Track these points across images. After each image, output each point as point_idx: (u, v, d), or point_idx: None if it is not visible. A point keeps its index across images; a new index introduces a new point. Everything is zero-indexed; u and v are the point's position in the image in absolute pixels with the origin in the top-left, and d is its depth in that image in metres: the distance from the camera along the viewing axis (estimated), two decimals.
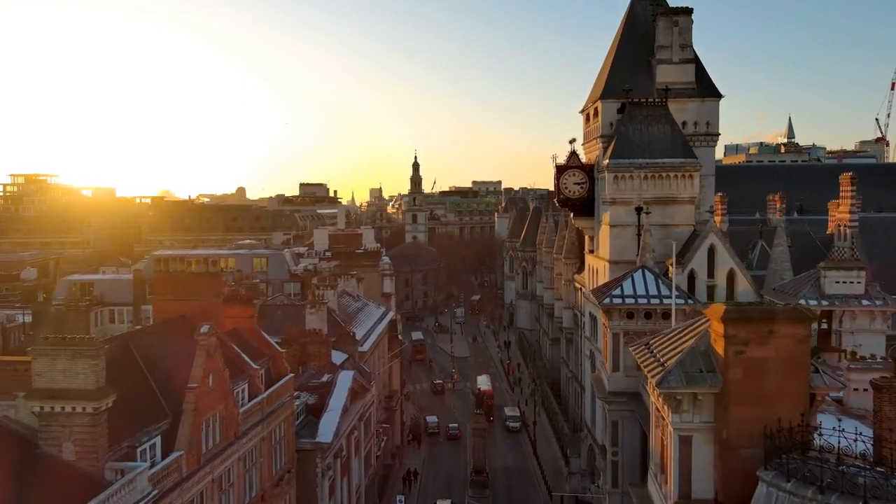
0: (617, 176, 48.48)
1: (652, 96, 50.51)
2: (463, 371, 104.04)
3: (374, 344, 55.93)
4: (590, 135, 55.12)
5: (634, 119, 49.89)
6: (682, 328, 22.62)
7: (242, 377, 29.01)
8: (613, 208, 48.91)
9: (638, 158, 48.51)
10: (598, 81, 54.15)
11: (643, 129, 49.55)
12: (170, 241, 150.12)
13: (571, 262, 76.33)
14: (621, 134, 49.47)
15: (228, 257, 75.40)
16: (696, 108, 50.97)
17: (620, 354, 36.26)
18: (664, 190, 48.44)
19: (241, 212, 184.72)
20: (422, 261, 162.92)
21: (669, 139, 49.07)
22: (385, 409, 62.61)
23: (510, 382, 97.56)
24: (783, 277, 44.22)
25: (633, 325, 36.07)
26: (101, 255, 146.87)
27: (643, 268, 37.91)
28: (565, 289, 77.45)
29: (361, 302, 62.84)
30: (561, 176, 53.56)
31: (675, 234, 48.35)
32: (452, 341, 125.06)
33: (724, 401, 19.37)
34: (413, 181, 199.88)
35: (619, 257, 48.94)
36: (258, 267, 74.28)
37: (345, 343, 49.33)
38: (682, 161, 48.18)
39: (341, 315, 54.88)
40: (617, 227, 48.97)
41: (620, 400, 35.93)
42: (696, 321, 22.38)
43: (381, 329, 61.13)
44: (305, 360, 45.02)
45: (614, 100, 50.82)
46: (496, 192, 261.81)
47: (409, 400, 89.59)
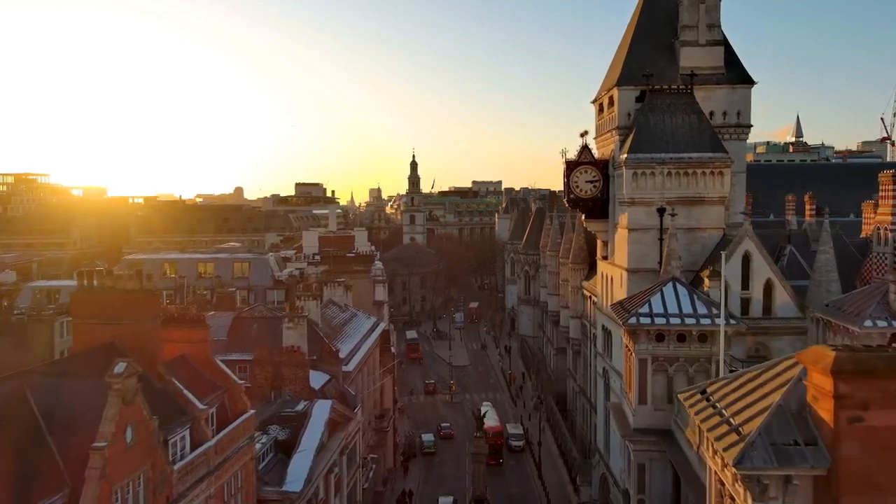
0: (636, 172, 42.61)
1: (675, 83, 44.65)
2: (462, 382, 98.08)
3: (361, 360, 50.05)
4: (603, 127, 49.22)
5: (656, 108, 44.00)
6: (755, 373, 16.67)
7: (182, 422, 23.11)
8: (632, 209, 43.03)
9: (660, 153, 42.64)
10: (614, 67, 48.26)
11: (666, 120, 43.66)
12: (159, 242, 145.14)
13: (579, 268, 70.45)
14: (641, 125, 43.58)
15: (207, 262, 69.51)
16: (726, 97, 45.08)
17: (648, 384, 30.37)
18: (690, 188, 42.56)
19: (234, 212, 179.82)
20: (419, 263, 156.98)
21: (696, 131, 43.18)
22: (375, 431, 56.73)
23: (512, 395, 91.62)
24: (830, 290, 38.38)
25: (664, 349, 30.19)
26: (87, 257, 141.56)
27: (673, 280, 32.02)
28: (572, 296, 71.57)
29: (349, 312, 56.95)
30: (571, 173, 47.68)
31: (703, 238, 42.63)
32: (451, 348, 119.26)
33: (831, 488, 13.48)
34: (411, 181, 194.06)
35: (638, 265, 43.07)
36: (239, 272, 68.41)
37: (327, 362, 43.47)
38: (711, 156, 42.30)
39: (325, 329, 48.98)
40: (636, 231, 43.09)
41: (648, 439, 30.02)
42: (775, 364, 16.42)
43: (371, 342, 55.25)
44: (280, 383, 39.15)
45: (632, 87, 44.95)
46: (496, 193, 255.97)
47: (404, 413, 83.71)
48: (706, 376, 30.10)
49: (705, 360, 29.85)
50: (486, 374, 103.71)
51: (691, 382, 30.14)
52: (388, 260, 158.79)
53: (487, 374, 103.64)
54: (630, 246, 43.17)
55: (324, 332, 48.09)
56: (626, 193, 42.80)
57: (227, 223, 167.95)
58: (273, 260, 69.64)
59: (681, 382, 30.14)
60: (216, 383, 27.29)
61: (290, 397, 38.25)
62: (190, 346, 27.20)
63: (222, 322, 47.27)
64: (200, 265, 68.98)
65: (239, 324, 47.97)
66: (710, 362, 29.84)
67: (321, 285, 58.88)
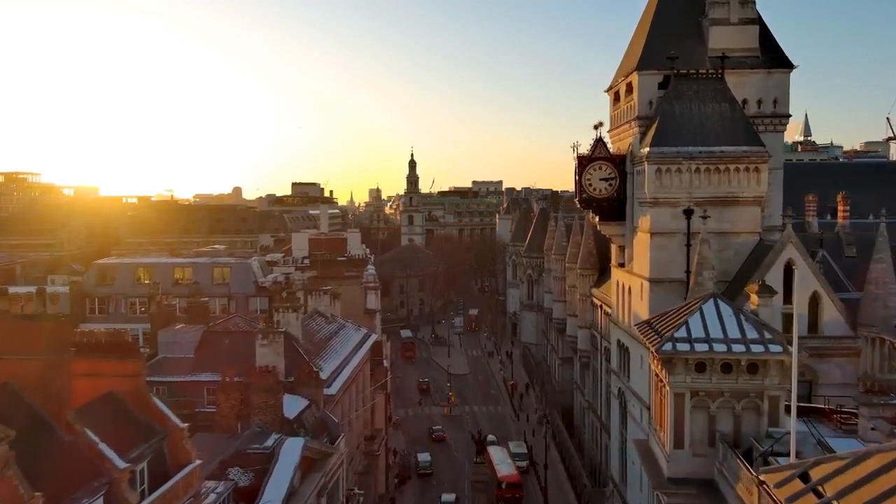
0: (660, 169, 37.20)
1: (703, 66, 39.23)
2: (461, 392, 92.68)
3: (348, 380, 44.62)
4: (620, 118, 43.80)
5: (682, 95, 38.57)
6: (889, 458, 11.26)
7: (93, 489, 17.69)
8: (655, 211, 37.62)
9: (687, 146, 37.23)
10: (632, 49, 42.82)
11: (693, 109, 38.24)
12: (150, 243, 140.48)
13: (588, 274, 65.06)
14: (665, 114, 38.16)
15: (185, 267, 64.10)
16: (761, 83, 39.63)
17: (686, 424, 24.95)
18: (722, 187, 37.16)
19: (227, 212, 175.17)
20: (418, 265, 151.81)
21: (728, 121, 37.75)
22: (365, 455, 51.31)
23: (514, 406, 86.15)
24: (888, 304, 32.99)
25: (705, 381, 24.74)
26: (74, 259, 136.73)
27: (714, 297, 26.56)
28: (581, 305, 66.17)
29: (336, 324, 51.51)
30: (584, 170, 42.26)
31: (736, 244, 37.28)
32: (450, 355, 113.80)
33: None
34: (409, 180, 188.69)
35: (661, 275, 37.68)
36: (219, 278, 63.02)
37: (305, 384, 38.02)
38: (746, 149, 36.89)
39: (307, 344, 43.56)
40: (659, 236, 37.69)
41: (686, 491, 24.57)
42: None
43: (360, 357, 49.82)
44: (248, 412, 33.73)
45: (654, 71, 39.52)
46: (497, 193, 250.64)
47: (399, 428, 78.34)
48: (756, 415, 24.76)
49: (756, 396, 24.44)
50: (486, 384, 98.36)
51: (738, 422, 24.77)
52: (386, 262, 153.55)
53: (488, 384, 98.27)
54: (652, 252, 37.76)
55: (305, 348, 42.64)
56: (649, 192, 37.38)
57: (220, 224, 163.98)
58: (256, 265, 64.21)
59: (725, 421, 24.77)
60: (152, 428, 21.88)
61: (261, 428, 32.83)
62: (121, 382, 21.78)
63: (189, 337, 41.97)
64: (177, 270, 63.61)
65: (209, 339, 42.59)
66: (762, 398, 24.43)
67: (306, 293, 53.54)
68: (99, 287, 62.40)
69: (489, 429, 78.94)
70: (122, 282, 62.43)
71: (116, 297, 61.67)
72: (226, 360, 41.05)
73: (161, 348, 41.68)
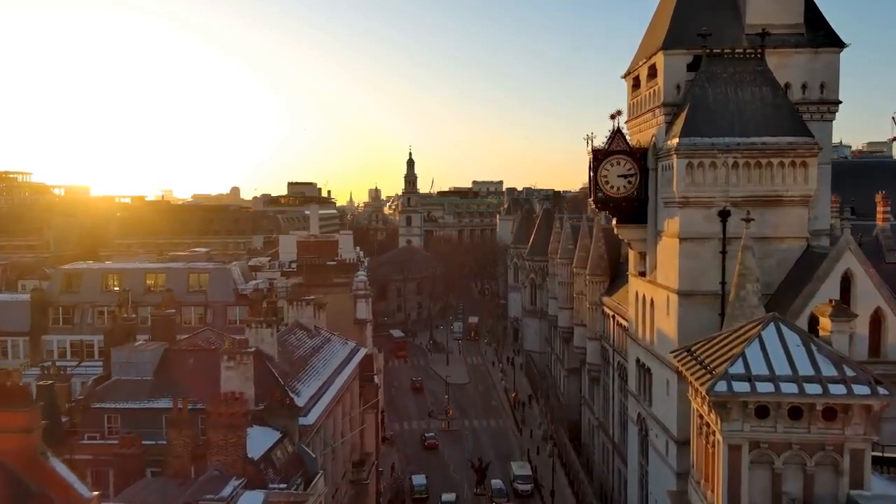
0: (691, 163, 31.87)
1: (740, 44, 33.93)
2: (461, 404, 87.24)
3: (330, 404, 39.26)
4: (641, 106, 38.44)
5: (715, 78, 33.23)
6: None
7: None
8: (685, 212, 32.29)
9: (723, 136, 31.90)
10: (655, 26, 37.44)
11: (729, 93, 32.90)
12: (139, 244, 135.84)
13: (599, 280, 59.75)
14: (696, 100, 32.81)
15: (158, 273, 58.71)
16: (806, 64, 34.22)
17: (744, 484, 19.58)
18: (763, 184, 31.85)
19: (219, 213, 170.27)
20: (416, 268, 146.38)
21: (770, 107, 32.43)
22: (352, 484, 45.99)
23: (516, 420, 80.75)
24: None
25: (769, 430, 19.41)
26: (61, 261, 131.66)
27: (776, 320, 21.17)
28: (590, 313, 60.86)
29: (320, 338, 46.16)
30: (600, 166, 36.86)
31: (779, 251, 32.00)
32: (449, 362, 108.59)
33: None
34: (407, 180, 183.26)
35: (692, 287, 32.34)
36: (196, 285, 57.66)
37: (278, 414, 32.70)
38: (792, 140, 31.57)
39: (283, 364, 38.21)
40: (690, 242, 32.35)
41: None
42: None
43: (347, 376, 44.46)
44: (205, 451, 28.41)
45: (683, 50, 34.17)
46: (497, 193, 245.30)
47: (393, 446, 73.03)
48: (833, 474, 19.43)
49: (833, 449, 19.11)
50: (486, 394, 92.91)
51: (810, 482, 19.47)
52: (383, 264, 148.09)
53: (488, 394, 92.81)
54: (682, 261, 32.40)
55: (280, 369, 37.29)
56: (678, 191, 32.04)
57: (212, 224, 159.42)
58: (237, 270, 58.83)
59: (794, 481, 19.43)
60: (47, 496, 16.51)
61: (219, 472, 27.52)
62: (6, 440, 16.44)
63: (148, 356, 36.57)
64: (149, 276, 58.19)
65: (171, 358, 37.27)
66: (842, 452, 19.11)
67: (287, 304, 48.28)
68: (64, 295, 57.07)
69: (490, 445, 73.78)
70: (89, 289, 57.09)
71: (83, 306, 56.33)
72: (189, 383, 35.94)
73: (115, 369, 36.33)
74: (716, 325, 31.96)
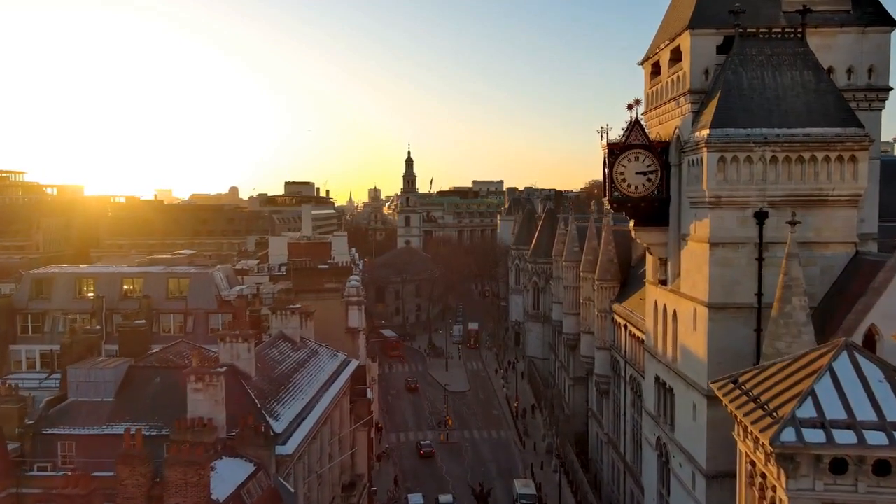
0: (724, 157, 27.89)
1: (777, 23, 29.96)
2: (460, 413, 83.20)
3: (315, 427, 35.24)
4: (661, 95, 34.44)
5: (750, 61, 29.26)
6: None
7: None
8: (717, 214, 28.30)
9: (760, 127, 27.90)
10: (679, 4, 33.40)
11: (767, 78, 28.93)
12: (131, 245, 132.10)
13: (608, 286, 55.78)
14: (729, 86, 28.82)
15: (135, 277, 54.67)
16: (853, 45, 30.24)
17: None
18: (806, 182, 27.88)
19: (214, 213, 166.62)
20: (414, 269, 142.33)
21: (814, 94, 28.45)
22: None
23: (519, 432, 76.70)
24: None
25: (847, 490, 15.48)
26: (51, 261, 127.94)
27: (849, 347, 17.19)
28: (599, 321, 56.85)
29: (306, 350, 42.15)
30: (616, 161, 32.88)
31: (823, 258, 28.04)
32: (448, 368, 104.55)
33: None
34: (406, 179, 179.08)
35: (724, 298, 28.35)
36: (176, 291, 53.61)
37: (251, 443, 28.68)
38: (840, 132, 27.59)
39: (262, 382, 34.21)
40: (722, 247, 28.37)
41: None
42: None
43: (336, 392, 40.47)
44: (161, 493, 24.41)
45: (712, 30, 30.21)
46: (498, 193, 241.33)
47: (389, 460, 69.04)
48: None
49: None
50: (487, 402, 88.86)
51: None
52: (380, 266, 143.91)
53: (490, 403, 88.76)
54: (713, 269, 28.40)
55: (258, 388, 33.29)
56: (709, 189, 28.05)
57: (206, 225, 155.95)
58: (220, 275, 54.76)
59: None
60: None
61: None
62: None
63: (108, 375, 32.56)
64: (126, 281, 54.13)
65: (135, 376, 33.23)
66: None
67: (273, 312, 44.29)
68: (34, 301, 53.01)
69: (491, 459, 69.77)
70: (60, 295, 53.05)
71: (53, 314, 52.30)
72: (153, 405, 31.99)
73: (71, 389, 32.31)
74: (751, 342, 28.09)
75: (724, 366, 28.16)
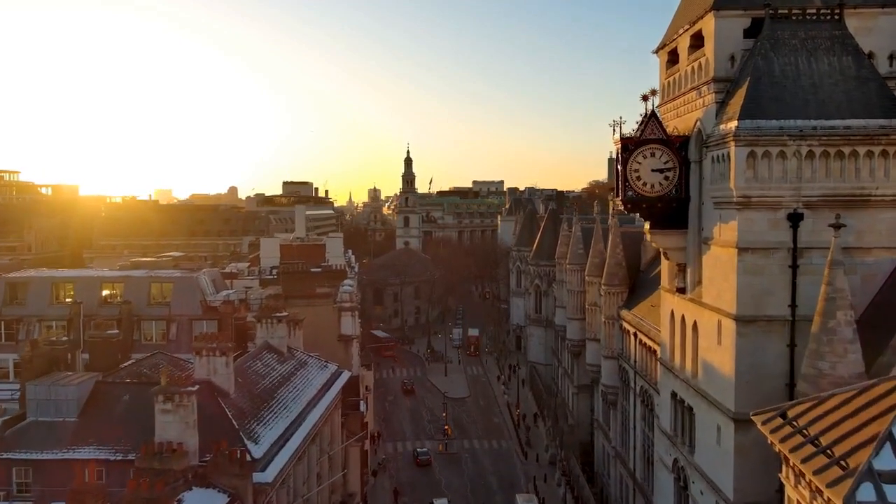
0: (754, 152, 24.90)
1: (813, 3, 26.97)
2: (460, 421, 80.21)
3: (301, 447, 32.28)
4: (679, 85, 31.45)
5: (783, 45, 26.29)
6: None
7: None
8: (745, 215, 25.30)
9: (794, 119, 24.91)
10: None
11: (801, 64, 25.95)
12: (124, 246, 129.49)
13: (616, 292, 52.79)
14: (759, 73, 25.82)
15: (115, 282, 51.71)
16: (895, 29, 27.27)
17: None
18: (847, 180, 24.89)
19: (209, 213, 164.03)
20: (413, 271, 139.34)
21: (854, 83, 25.46)
22: None
23: (521, 443, 73.69)
24: None
25: None
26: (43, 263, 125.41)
27: None
28: (606, 328, 53.87)
29: (294, 362, 39.17)
30: (630, 158, 29.89)
31: (865, 265, 25.09)
32: (447, 372, 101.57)
33: None
34: (405, 178, 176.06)
35: (754, 310, 25.33)
36: (159, 297, 50.66)
37: (226, 471, 25.69)
38: (886, 124, 24.61)
39: (242, 399, 31.24)
40: (752, 253, 25.36)
41: None
42: None
43: (326, 407, 37.53)
44: None
45: (739, 11, 27.20)
46: (499, 193, 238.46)
47: (385, 472, 66.04)
48: None
49: None
50: (488, 410, 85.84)
51: None
52: (379, 267, 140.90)
53: (490, 410, 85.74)
54: (741, 277, 25.39)
55: (238, 407, 30.31)
56: (737, 188, 25.05)
57: (202, 225, 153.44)
58: (206, 279, 51.76)
59: None
60: None
61: None
62: None
63: (71, 393, 29.60)
64: (106, 286, 51.16)
65: (102, 393, 30.29)
66: None
67: (259, 320, 41.29)
68: (8, 307, 50.08)
69: (492, 471, 66.75)
70: (35, 301, 50.09)
71: (28, 320, 49.35)
72: (121, 426, 29.04)
73: (30, 408, 29.36)
74: (784, 359, 25.12)
75: (753, 385, 25.24)
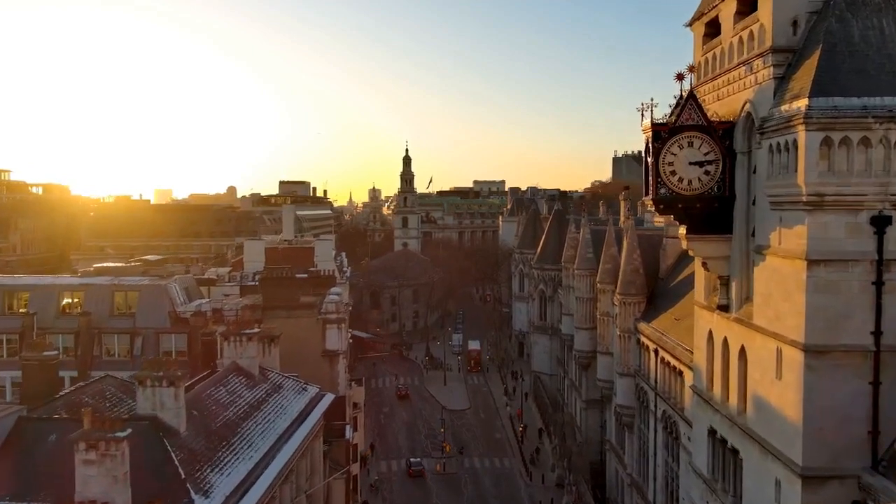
0: (829, 138, 19.63)
1: None
2: (459, 436, 75.14)
3: (267, 493, 26.97)
4: (721, 61, 26.12)
5: (861, 6, 21.08)
6: None
7: None
8: (817, 218, 20.03)
9: (882, 96, 19.66)
10: None
11: (886, 29, 20.72)
12: (112, 247, 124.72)
13: (633, 301, 47.61)
14: (833, 39, 20.59)
15: (75, 290, 46.50)
16: None
17: None
18: None
19: (201, 213, 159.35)
20: (412, 273, 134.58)
21: None
22: None
23: (525, 460, 68.48)
24: None
25: None
26: (28, 265, 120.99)
27: None
28: (621, 342, 48.59)
29: (266, 386, 33.91)
30: (664, 148, 24.61)
31: None
32: (446, 381, 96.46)
33: None
34: (404, 178, 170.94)
35: (829, 339, 20.04)
36: (123, 307, 45.49)
37: None
38: None
39: (195, 438, 25.98)
40: (825, 266, 20.06)
41: None
42: None
43: (302, 439, 32.26)
44: None
45: None
46: (500, 193, 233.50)
47: (379, 494, 60.91)
48: None
49: None
50: (489, 423, 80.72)
51: None
52: (376, 270, 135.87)
53: (491, 424, 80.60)
54: (811, 297, 20.10)
55: (188, 449, 25.02)
56: (807, 183, 19.77)
57: (193, 226, 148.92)
58: (176, 287, 46.53)
59: None
60: None
61: None
62: None
63: None
64: (65, 294, 45.98)
65: (26, 432, 24.99)
66: None
67: (225, 338, 35.99)
68: None
69: (494, 493, 61.60)
70: None
71: None
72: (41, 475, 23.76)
73: None
74: (865, 400, 19.93)
75: (826, 432, 20.01)
